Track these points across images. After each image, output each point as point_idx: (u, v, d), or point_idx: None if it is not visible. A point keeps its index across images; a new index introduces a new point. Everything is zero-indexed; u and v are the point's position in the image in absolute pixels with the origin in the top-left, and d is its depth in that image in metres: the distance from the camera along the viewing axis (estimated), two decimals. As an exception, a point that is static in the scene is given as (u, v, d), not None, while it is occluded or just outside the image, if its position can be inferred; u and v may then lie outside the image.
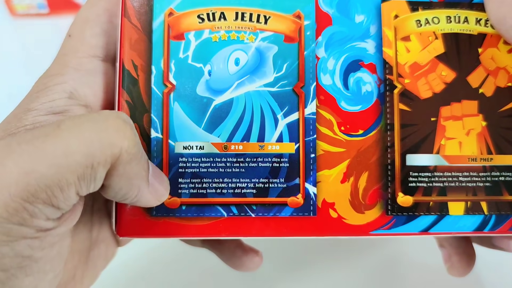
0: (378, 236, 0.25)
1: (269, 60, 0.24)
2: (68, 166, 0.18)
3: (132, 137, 0.20)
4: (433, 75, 0.25)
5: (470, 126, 0.25)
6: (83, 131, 0.19)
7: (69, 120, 0.19)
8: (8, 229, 0.18)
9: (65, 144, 0.18)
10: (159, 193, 0.22)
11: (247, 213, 0.24)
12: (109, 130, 0.19)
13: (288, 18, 0.25)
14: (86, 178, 0.19)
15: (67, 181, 0.18)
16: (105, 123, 0.19)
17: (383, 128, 0.25)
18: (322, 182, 0.24)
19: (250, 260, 0.27)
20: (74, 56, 0.24)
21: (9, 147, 0.18)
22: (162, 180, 0.23)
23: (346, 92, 0.25)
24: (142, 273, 0.36)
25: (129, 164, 0.20)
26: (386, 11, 0.25)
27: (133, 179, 0.20)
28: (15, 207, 0.18)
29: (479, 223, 0.25)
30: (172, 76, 0.24)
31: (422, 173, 0.25)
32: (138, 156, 0.20)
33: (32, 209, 0.18)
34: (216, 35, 0.24)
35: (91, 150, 0.19)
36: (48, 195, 0.18)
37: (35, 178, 0.18)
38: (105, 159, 0.19)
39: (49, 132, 0.19)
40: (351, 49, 0.25)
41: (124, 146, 0.19)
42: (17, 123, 0.22)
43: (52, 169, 0.18)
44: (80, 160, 0.18)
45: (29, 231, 0.19)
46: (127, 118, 0.21)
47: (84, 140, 0.19)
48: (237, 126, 0.24)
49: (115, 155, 0.19)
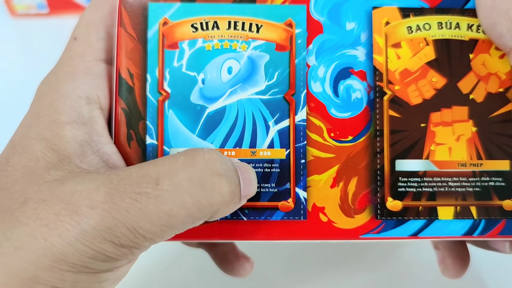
0: (368, 240, 0.25)
1: (261, 68, 0.25)
2: (171, 225, 0.20)
3: (229, 189, 0.21)
4: (423, 82, 0.25)
5: (460, 131, 0.25)
6: (182, 194, 0.20)
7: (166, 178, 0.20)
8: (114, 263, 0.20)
9: (168, 208, 0.20)
10: (250, 195, 0.23)
11: (239, 217, 0.25)
12: (207, 191, 0.21)
13: (280, 26, 0.25)
14: (186, 228, 0.21)
15: (170, 234, 0.21)
16: (202, 181, 0.21)
17: (372, 134, 0.25)
18: (312, 187, 0.25)
19: (240, 266, 0.28)
20: (81, 60, 0.24)
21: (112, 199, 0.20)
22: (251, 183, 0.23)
23: (336, 99, 0.25)
24: (141, 273, 0.37)
25: (226, 209, 0.22)
26: (377, 18, 0.25)
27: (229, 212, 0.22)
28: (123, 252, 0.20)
29: (468, 227, 0.25)
30: (166, 84, 0.25)
31: (411, 178, 0.25)
32: (233, 199, 0.22)
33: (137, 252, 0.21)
34: (210, 44, 0.25)
35: (191, 212, 0.20)
36: (151, 243, 0.21)
37: (142, 234, 0.20)
38: (205, 216, 0.21)
39: (149, 191, 0.20)
40: (342, 56, 0.25)
41: (221, 201, 0.21)
42: (61, 141, 0.22)
43: (157, 228, 0.20)
44: (181, 220, 0.20)
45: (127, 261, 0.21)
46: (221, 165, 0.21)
47: (184, 204, 0.20)
48: (230, 133, 0.25)
49: (214, 211, 0.21)
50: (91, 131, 0.23)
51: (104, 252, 0.19)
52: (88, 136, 0.23)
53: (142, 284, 0.36)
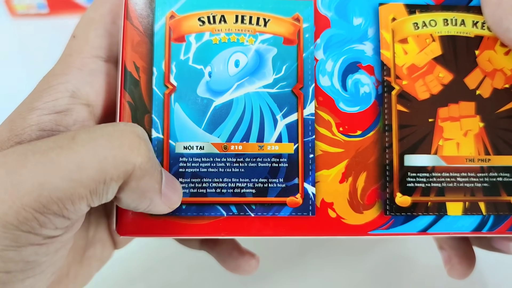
0: (377, 236, 0.25)
1: (268, 62, 0.25)
2: (81, 181, 0.19)
3: (146, 153, 0.20)
4: (430, 77, 0.25)
5: (468, 127, 0.25)
6: (97, 146, 0.19)
7: (84, 133, 0.20)
8: (16, 236, 0.18)
9: (79, 158, 0.19)
10: (172, 202, 0.23)
11: (246, 213, 0.24)
12: (123, 146, 0.20)
13: (287, 21, 0.25)
14: (98, 193, 0.19)
15: (79, 195, 0.19)
16: (119, 139, 0.20)
17: (381, 129, 0.25)
18: (320, 182, 0.24)
19: (246, 263, 0.28)
20: (78, 56, 0.24)
21: (24, 156, 0.19)
22: (175, 189, 0.23)
23: (344, 94, 0.25)
24: (141, 274, 0.36)
25: (142, 179, 0.20)
26: (384, 14, 0.25)
27: (146, 192, 0.21)
28: (26, 216, 0.18)
29: (477, 223, 0.25)
30: (173, 77, 0.24)
31: (420, 174, 0.25)
32: (151, 170, 0.21)
33: (43, 219, 0.19)
34: (217, 38, 0.25)
35: (104, 166, 0.19)
36: (59, 207, 0.19)
37: (48, 190, 0.18)
38: (118, 175, 0.19)
39: (64, 144, 0.19)
40: (349, 51, 0.25)
41: (138, 162, 0.20)
42: (22, 122, 0.22)
43: (65, 183, 0.18)
44: (93, 175, 0.19)
45: (36, 238, 0.19)
46: (142, 132, 0.21)
47: (98, 156, 0.19)
48: (237, 126, 0.24)
49: (128, 172, 0.20)
50: (61, 120, 0.22)
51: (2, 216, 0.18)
52: (54, 124, 0.22)
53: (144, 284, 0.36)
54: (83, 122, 0.23)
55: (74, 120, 0.23)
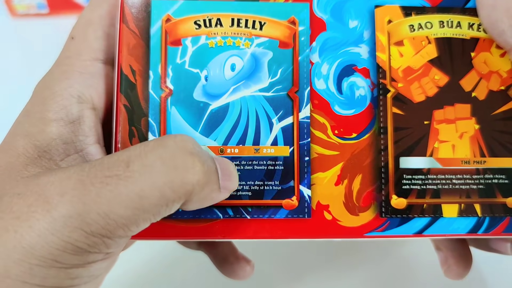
0: (373, 238, 0.25)
1: (264, 65, 0.25)
2: (144, 208, 0.19)
3: (201, 169, 0.20)
4: (426, 79, 0.25)
5: (463, 129, 0.25)
6: (153, 173, 0.19)
7: (137, 159, 0.20)
8: (85, 257, 0.19)
9: (139, 188, 0.19)
10: (231, 188, 0.23)
11: (242, 215, 0.24)
12: (179, 169, 0.20)
13: (283, 24, 0.25)
14: (161, 213, 0.20)
15: (144, 219, 0.20)
16: (173, 161, 0.20)
17: (376, 131, 0.25)
18: (316, 185, 0.25)
19: (241, 268, 0.28)
20: (77, 59, 0.24)
21: (83, 185, 0.19)
22: (231, 175, 0.23)
23: (339, 97, 0.25)
24: (140, 275, 0.36)
25: (202, 191, 0.21)
26: (380, 16, 0.25)
27: (207, 199, 0.21)
28: (95, 241, 0.19)
29: (472, 225, 0.25)
30: (169, 81, 0.25)
31: (415, 176, 0.25)
32: (209, 180, 0.21)
33: (109, 242, 0.19)
34: (213, 41, 0.25)
35: (164, 192, 0.19)
36: (125, 231, 0.20)
37: (114, 219, 0.19)
38: (179, 197, 0.20)
39: (119, 173, 0.19)
40: (345, 54, 0.25)
41: (195, 181, 0.20)
42: (44, 136, 0.22)
43: (129, 211, 0.19)
44: (155, 202, 0.19)
45: (101, 255, 0.20)
46: (193, 145, 0.21)
47: (156, 183, 0.19)
48: (233, 130, 0.25)
49: (188, 192, 0.20)
50: (78, 130, 0.23)
51: (73, 242, 0.18)
52: (73, 135, 0.23)
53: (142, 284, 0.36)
54: (95, 127, 0.23)
55: (89, 127, 0.23)
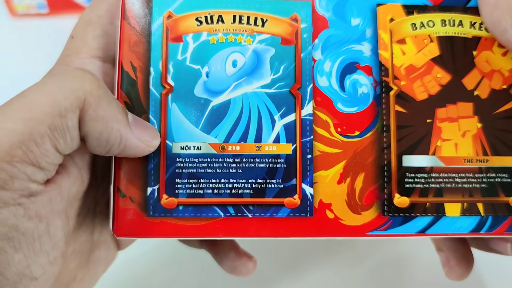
0: (375, 237, 0.25)
1: (266, 62, 0.25)
2: (36, 118, 0.19)
3: (94, 80, 0.21)
4: (428, 77, 0.25)
5: (466, 127, 0.25)
6: (45, 85, 0.20)
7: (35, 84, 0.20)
8: None
9: (29, 99, 0.19)
10: (146, 138, 0.22)
11: (244, 214, 0.24)
12: (69, 78, 0.20)
13: (285, 21, 0.25)
14: (58, 128, 0.19)
15: (39, 133, 0.19)
16: (65, 75, 0.20)
17: (379, 129, 0.25)
18: (318, 183, 0.24)
19: (243, 265, 0.27)
20: (76, 57, 0.24)
21: None
22: (145, 127, 0.23)
23: (342, 94, 0.25)
24: (141, 274, 0.36)
25: (99, 105, 0.20)
26: (382, 15, 0.25)
27: (109, 122, 0.21)
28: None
29: (475, 224, 0.25)
30: (170, 77, 0.24)
31: (418, 174, 0.25)
32: (107, 98, 0.21)
33: (11, 169, 0.18)
34: (214, 38, 0.25)
35: (54, 98, 0.19)
36: (23, 151, 0.18)
37: (6, 135, 0.18)
38: (71, 104, 0.19)
39: (16, 96, 0.19)
40: (347, 51, 0.25)
41: (87, 88, 0.20)
42: None
43: (20, 123, 0.18)
44: (46, 109, 0.19)
45: (11, 195, 0.18)
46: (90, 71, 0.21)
47: (46, 92, 0.19)
48: (234, 127, 0.24)
49: (80, 98, 0.20)
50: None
51: None
52: None
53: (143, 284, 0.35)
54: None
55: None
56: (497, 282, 0.37)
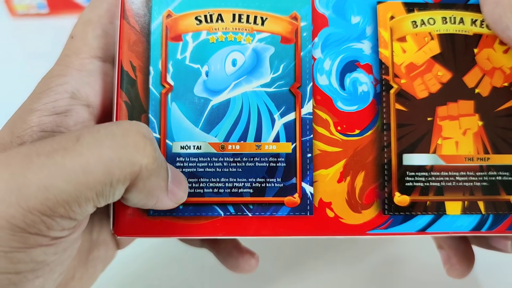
0: (375, 235, 0.25)
1: (266, 60, 0.25)
2: (87, 184, 0.18)
3: (152, 153, 0.20)
4: (429, 75, 0.25)
5: (467, 125, 0.25)
6: (102, 147, 0.19)
7: (88, 134, 0.19)
8: (24, 238, 0.18)
9: (85, 161, 0.18)
10: (178, 197, 0.22)
11: (244, 213, 0.24)
12: (129, 147, 0.19)
13: (285, 19, 0.25)
14: (104, 194, 0.19)
15: (86, 198, 0.19)
16: (124, 139, 0.19)
17: (379, 128, 0.25)
18: (318, 182, 0.24)
19: (245, 262, 0.27)
20: (76, 57, 0.24)
21: (29, 158, 0.18)
22: (181, 185, 0.23)
23: (342, 92, 0.25)
24: (141, 273, 0.36)
25: (149, 179, 0.20)
26: (382, 12, 0.25)
27: (152, 191, 0.21)
28: (33, 219, 0.18)
29: (476, 222, 0.25)
30: (169, 76, 0.24)
31: (419, 173, 0.25)
32: (158, 170, 0.20)
33: (50, 222, 0.18)
34: (214, 37, 0.25)
35: (110, 168, 0.19)
36: (66, 210, 0.19)
37: (54, 193, 0.18)
38: (124, 177, 0.19)
39: (68, 146, 0.19)
40: (348, 49, 0.25)
41: (144, 163, 0.19)
42: (23, 124, 0.22)
43: (71, 186, 0.18)
44: (99, 178, 0.18)
45: (44, 239, 0.19)
46: (147, 130, 0.20)
47: (103, 158, 0.19)
48: (234, 126, 0.24)
49: (135, 173, 0.19)
50: (62, 122, 0.22)
51: (9, 218, 0.17)
52: (55, 125, 0.22)
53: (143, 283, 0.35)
54: (83, 122, 0.23)
55: (74, 121, 0.23)
56: (496, 282, 0.37)
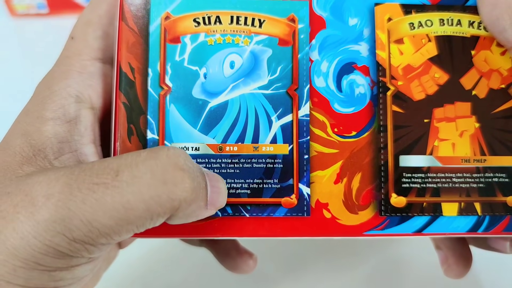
0: (372, 236, 0.25)
1: (263, 63, 0.25)
2: (128, 220, 0.19)
3: (191, 186, 0.20)
4: (426, 77, 0.25)
5: (463, 127, 0.25)
6: (142, 185, 0.19)
7: (127, 169, 0.19)
8: (68, 261, 0.19)
9: (125, 200, 0.19)
10: (218, 205, 0.22)
11: (241, 213, 0.24)
12: (168, 184, 0.19)
13: (283, 21, 0.25)
14: (145, 226, 0.20)
15: (127, 230, 0.19)
16: (163, 175, 0.20)
17: (376, 129, 0.25)
18: (315, 183, 0.25)
19: (244, 262, 0.28)
20: (77, 59, 0.24)
21: (70, 189, 0.19)
22: (220, 192, 0.23)
23: (339, 94, 0.25)
24: (141, 273, 0.36)
25: (189, 208, 0.20)
26: (380, 14, 0.25)
27: (192, 215, 0.21)
28: (77, 247, 0.19)
29: (472, 224, 0.25)
30: (168, 78, 0.24)
31: (415, 174, 0.25)
32: (196, 197, 0.21)
33: (92, 249, 0.19)
34: (212, 39, 0.25)
35: (150, 205, 0.19)
36: (107, 240, 0.19)
37: (97, 227, 0.19)
38: (164, 212, 0.20)
39: (108, 181, 0.19)
40: (345, 51, 0.25)
41: (183, 198, 0.20)
42: (40, 136, 0.22)
43: (112, 221, 0.19)
44: (140, 214, 0.19)
45: (85, 259, 0.20)
46: (184, 160, 0.20)
47: (143, 196, 0.19)
48: (232, 127, 0.24)
49: (174, 208, 0.20)
50: (74, 129, 0.23)
51: (55, 246, 0.18)
52: (69, 134, 0.23)
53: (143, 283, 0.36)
54: (91, 126, 0.24)
55: (84, 127, 0.23)
56: (496, 281, 0.37)
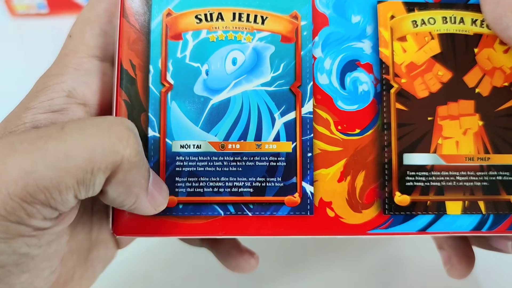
0: (375, 235, 0.24)
1: (266, 59, 0.25)
2: (68, 170, 0.18)
3: (135, 145, 0.20)
4: (429, 75, 0.25)
5: (467, 125, 0.25)
6: (86, 135, 0.19)
7: (73, 123, 0.19)
8: (5, 227, 0.18)
9: (67, 147, 0.18)
10: (158, 203, 0.22)
11: (244, 212, 0.24)
12: (112, 137, 0.19)
13: (285, 18, 0.25)
14: (85, 183, 0.19)
15: (66, 185, 0.19)
16: (109, 129, 0.19)
17: (379, 127, 0.25)
18: (319, 181, 0.24)
19: (245, 262, 0.27)
20: (74, 56, 0.24)
21: (12, 145, 0.18)
22: (162, 190, 0.23)
23: (343, 92, 0.25)
24: (141, 273, 0.36)
25: (129, 172, 0.20)
26: (382, 12, 0.25)
27: (132, 187, 0.21)
28: (13, 206, 0.18)
29: (476, 222, 0.25)
30: (169, 75, 0.24)
31: (419, 172, 0.25)
32: (139, 164, 0.20)
33: (30, 209, 0.18)
34: (214, 35, 0.25)
35: (92, 155, 0.19)
36: (46, 197, 0.18)
37: (34, 178, 0.18)
38: (106, 166, 0.19)
39: (52, 133, 0.19)
40: (348, 49, 0.25)
41: (126, 154, 0.19)
42: (17, 121, 0.22)
43: (51, 171, 0.18)
44: (80, 164, 0.19)
45: (26, 229, 0.19)
46: (132, 125, 0.21)
47: (86, 145, 0.19)
48: (234, 125, 0.24)
49: (116, 163, 0.19)
50: (57, 119, 0.22)
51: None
52: (50, 124, 0.22)
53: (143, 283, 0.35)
54: None
55: (69, 119, 0.23)
56: (496, 282, 0.37)
